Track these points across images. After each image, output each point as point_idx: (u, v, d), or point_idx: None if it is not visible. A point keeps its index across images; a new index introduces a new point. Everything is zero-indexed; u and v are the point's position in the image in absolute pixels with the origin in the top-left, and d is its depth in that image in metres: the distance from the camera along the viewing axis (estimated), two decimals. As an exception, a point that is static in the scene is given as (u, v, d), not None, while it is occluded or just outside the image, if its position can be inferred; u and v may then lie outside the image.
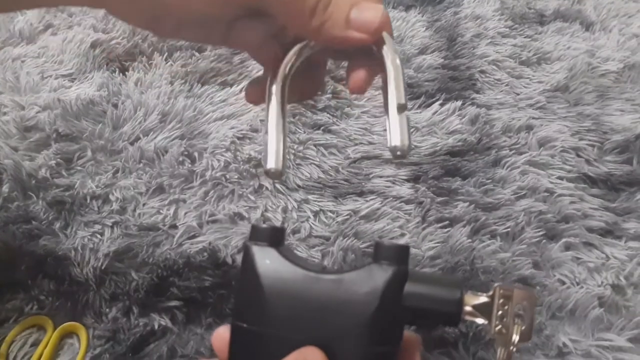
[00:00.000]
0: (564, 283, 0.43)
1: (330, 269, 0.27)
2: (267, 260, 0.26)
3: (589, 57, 0.57)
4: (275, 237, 0.27)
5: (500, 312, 0.25)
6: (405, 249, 0.26)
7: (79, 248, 0.43)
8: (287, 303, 0.25)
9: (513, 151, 0.50)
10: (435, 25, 0.60)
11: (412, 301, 0.25)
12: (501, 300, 0.25)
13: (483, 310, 0.25)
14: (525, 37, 0.59)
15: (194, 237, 0.44)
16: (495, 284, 0.26)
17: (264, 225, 0.27)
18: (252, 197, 0.46)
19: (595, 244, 0.45)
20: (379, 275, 0.25)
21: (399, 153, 0.27)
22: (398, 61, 0.28)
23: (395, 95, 0.28)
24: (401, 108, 0.28)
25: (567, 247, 0.45)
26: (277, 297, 0.25)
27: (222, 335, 0.27)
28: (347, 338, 0.25)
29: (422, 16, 0.61)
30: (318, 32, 0.27)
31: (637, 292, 0.43)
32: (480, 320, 0.25)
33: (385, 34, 0.28)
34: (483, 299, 0.26)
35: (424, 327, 0.37)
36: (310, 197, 0.47)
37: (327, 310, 0.25)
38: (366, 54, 0.29)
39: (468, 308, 0.25)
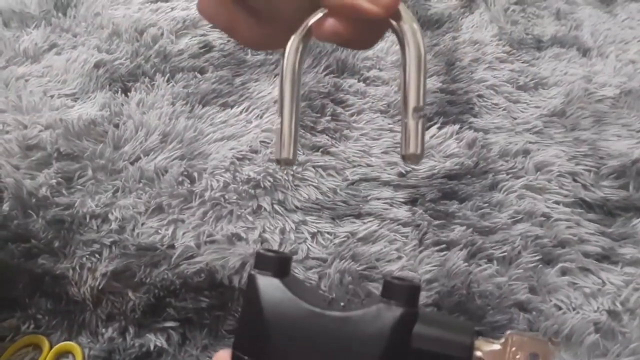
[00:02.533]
0: (560, 308, 0.43)
1: (336, 304, 0.26)
2: (271, 293, 0.25)
3: (585, 82, 0.58)
4: (280, 267, 0.26)
5: None
6: (415, 289, 0.25)
7: (77, 267, 0.43)
8: (290, 340, 0.25)
9: (510, 175, 0.50)
10: (434, 50, 0.60)
11: (420, 344, 0.24)
12: (513, 349, 0.24)
13: (494, 357, 0.24)
14: (522, 63, 0.60)
15: (191, 257, 0.44)
16: (508, 332, 0.25)
17: (270, 254, 0.26)
18: (251, 218, 0.46)
19: (591, 269, 0.45)
20: (387, 317, 0.24)
21: (409, 162, 0.26)
22: (421, 47, 0.26)
23: (413, 95, 0.26)
24: (417, 111, 0.26)
25: (564, 272, 0.45)
26: (280, 332, 0.25)
27: (222, 359, 0.27)
28: None
29: (421, 40, 0.62)
30: None
31: (633, 318, 0.43)
32: None
33: (404, 11, 0.26)
34: (495, 346, 0.24)
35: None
36: (308, 218, 0.47)
37: (331, 349, 0.24)
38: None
39: (478, 354, 0.24)
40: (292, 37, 0.28)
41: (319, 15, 0.27)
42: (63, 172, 0.47)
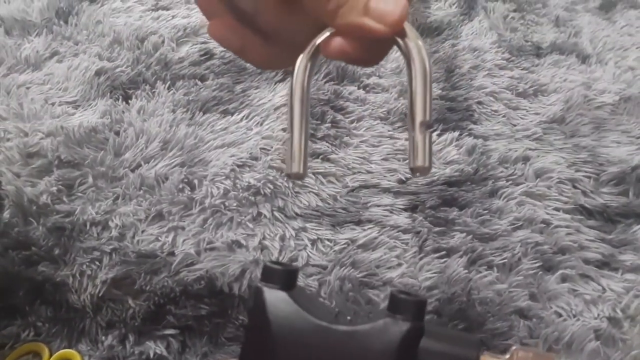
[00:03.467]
0: (560, 315, 0.43)
1: (343, 317, 0.26)
2: (278, 306, 0.25)
3: (585, 89, 0.58)
4: (287, 280, 0.26)
5: None
6: (422, 304, 0.25)
7: (77, 274, 0.43)
8: (297, 353, 0.25)
9: (510, 182, 0.50)
10: (434, 57, 0.61)
11: (427, 358, 0.24)
12: None
13: None
14: (522, 70, 0.60)
15: (191, 264, 0.44)
16: (514, 347, 0.25)
17: (277, 267, 0.26)
18: (251, 225, 0.46)
19: (591, 275, 0.45)
20: (394, 331, 0.24)
21: (418, 174, 0.27)
22: (427, 63, 0.27)
23: (419, 109, 0.26)
24: (424, 125, 0.26)
25: (564, 279, 0.45)
26: (287, 346, 0.25)
27: None
28: None
29: (421, 47, 0.62)
30: (333, 15, 0.27)
31: (634, 325, 0.43)
32: None
33: (409, 29, 0.27)
34: None
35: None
36: (308, 225, 0.47)
37: None
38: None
39: None
40: (301, 56, 0.28)
41: (326, 34, 0.28)
42: (64, 180, 0.47)
